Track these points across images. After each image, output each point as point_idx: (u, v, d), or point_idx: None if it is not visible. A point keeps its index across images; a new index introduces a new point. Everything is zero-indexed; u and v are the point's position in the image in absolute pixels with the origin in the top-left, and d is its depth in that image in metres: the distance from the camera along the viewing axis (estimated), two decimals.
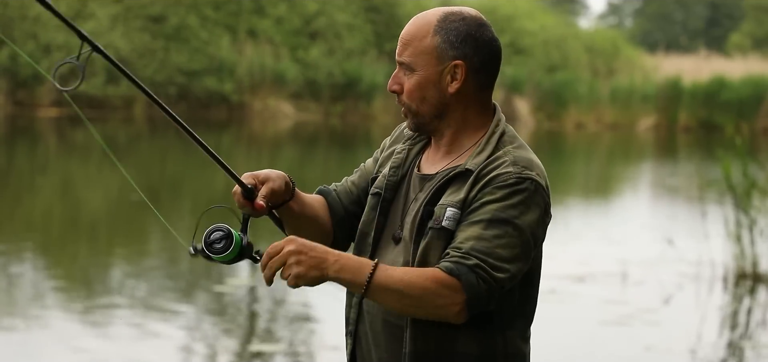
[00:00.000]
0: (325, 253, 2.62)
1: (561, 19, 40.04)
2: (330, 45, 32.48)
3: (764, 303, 10.41)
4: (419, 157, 2.90)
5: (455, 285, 2.61)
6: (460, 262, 2.62)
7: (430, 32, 2.78)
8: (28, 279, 9.98)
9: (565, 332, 8.73)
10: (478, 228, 2.66)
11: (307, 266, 2.61)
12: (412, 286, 2.62)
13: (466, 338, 2.73)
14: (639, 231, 14.54)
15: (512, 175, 2.70)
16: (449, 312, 2.63)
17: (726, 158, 11.39)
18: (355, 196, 2.99)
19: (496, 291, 2.64)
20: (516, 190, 2.68)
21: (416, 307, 2.64)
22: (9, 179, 17.56)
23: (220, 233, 2.68)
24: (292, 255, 2.60)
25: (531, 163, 2.74)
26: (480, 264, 2.62)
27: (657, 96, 34.08)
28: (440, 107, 2.80)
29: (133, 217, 14.21)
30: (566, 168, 24.21)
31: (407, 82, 2.80)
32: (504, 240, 2.65)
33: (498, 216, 2.66)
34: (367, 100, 31.81)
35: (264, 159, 21.84)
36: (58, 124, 26.73)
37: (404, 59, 2.79)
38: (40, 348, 7.61)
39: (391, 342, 2.78)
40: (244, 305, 9.27)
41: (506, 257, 2.65)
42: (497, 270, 2.63)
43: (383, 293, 2.63)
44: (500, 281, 2.64)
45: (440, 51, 2.77)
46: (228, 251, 2.67)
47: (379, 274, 2.62)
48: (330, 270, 2.62)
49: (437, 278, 2.62)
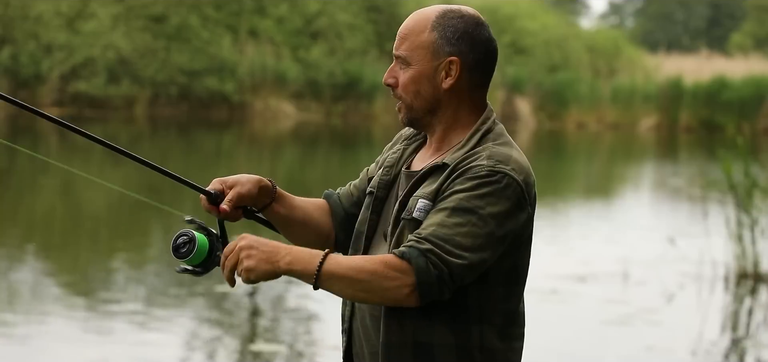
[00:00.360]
0: (277, 248, 2.67)
1: (562, 19, 40.03)
2: (331, 45, 32.48)
3: (765, 303, 10.41)
4: (413, 156, 2.93)
5: (405, 267, 2.63)
6: (413, 246, 2.64)
7: (427, 27, 2.81)
8: (29, 279, 9.98)
9: (566, 331, 8.73)
10: (442, 215, 2.67)
11: (258, 260, 2.67)
12: (361, 271, 2.64)
13: (443, 329, 2.74)
14: (640, 231, 14.54)
15: (484, 168, 2.70)
16: (399, 295, 2.64)
17: (727, 158, 11.39)
18: (356, 198, 3.04)
19: (448, 277, 2.64)
20: (485, 182, 2.69)
21: (367, 292, 2.66)
22: (10, 179, 17.56)
23: (185, 238, 2.75)
24: (244, 250, 2.67)
25: (508, 158, 2.74)
26: (433, 249, 2.63)
27: (658, 96, 34.07)
28: (433, 102, 2.82)
29: (134, 217, 14.21)
30: (567, 168, 24.21)
31: (403, 75, 2.83)
32: (465, 228, 2.65)
33: (462, 205, 2.67)
34: (369, 100, 31.81)
35: (265, 159, 21.85)
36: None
37: (401, 53, 2.82)
38: (40, 347, 7.61)
39: (377, 336, 2.81)
40: (244, 305, 9.27)
41: (465, 245, 2.64)
42: (453, 256, 2.63)
43: (334, 281, 2.66)
44: (454, 267, 2.63)
45: (436, 46, 2.80)
46: (192, 254, 2.74)
47: (329, 263, 2.65)
48: (281, 263, 2.66)
49: (387, 261, 2.64)
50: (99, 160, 19.50)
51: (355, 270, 2.65)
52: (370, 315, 2.83)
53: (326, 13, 32.81)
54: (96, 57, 29.33)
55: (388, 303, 2.70)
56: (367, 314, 2.84)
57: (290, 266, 2.66)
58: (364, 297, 2.68)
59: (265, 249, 2.66)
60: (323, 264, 2.65)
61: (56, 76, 28.93)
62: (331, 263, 2.65)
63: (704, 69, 36.24)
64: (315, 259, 2.65)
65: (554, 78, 34.37)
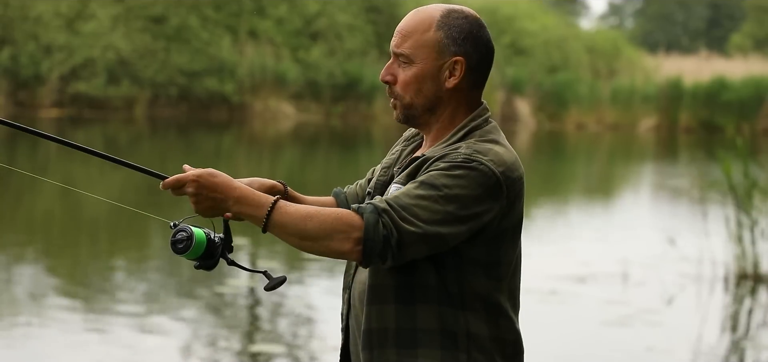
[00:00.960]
0: (225, 197, 2.71)
1: (562, 20, 40.02)
2: (331, 45, 32.48)
3: (765, 304, 10.41)
4: (410, 156, 2.95)
5: (355, 221, 2.63)
6: (370, 203, 2.66)
7: (432, 26, 2.81)
8: (29, 280, 9.98)
9: (566, 332, 8.73)
10: (409, 187, 2.69)
11: (204, 207, 2.73)
12: (309, 219, 2.65)
13: (426, 314, 2.74)
14: (640, 232, 14.54)
15: (461, 155, 2.72)
16: (342, 247, 2.64)
17: (727, 159, 11.39)
18: (361, 199, 3.08)
19: (395, 242, 2.63)
20: (458, 165, 2.70)
21: (312, 240, 2.66)
22: (10, 180, 17.56)
23: (183, 234, 2.80)
24: (193, 196, 2.74)
25: (488, 150, 2.74)
26: (389, 210, 2.64)
27: (658, 96, 34.07)
28: (434, 101, 2.83)
29: (133, 218, 14.21)
30: (567, 168, 24.21)
31: (403, 73, 2.83)
32: (425, 202, 2.66)
33: (429, 180, 2.69)
34: (368, 101, 31.81)
35: (265, 160, 21.85)
36: (59, 125, 26.73)
37: (403, 50, 2.83)
38: (40, 347, 7.61)
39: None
40: (244, 305, 9.27)
41: (422, 217, 2.65)
42: (405, 222, 2.63)
43: (281, 229, 2.68)
44: (404, 233, 2.63)
45: (442, 46, 2.81)
46: (189, 250, 2.79)
47: (278, 212, 2.67)
48: (229, 210, 2.72)
49: (340, 214, 2.65)
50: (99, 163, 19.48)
51: (305, 218, 2.66)
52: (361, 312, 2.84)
53: (326, 13, 32.80)
54: (96, 58, 29.32)
55: (330, 255, 2.69)
56: (359, 312, 2.85)
57: (239, 213, 2.71)
58: (309, 246, 2.68)
59: (213, 197, 2.71)
60: (272, 213, 2.67)
61: (56, 76, 28.92)
62: (279, 213, 2.67)
63: (704, 70, 36.25)
64: (263, 209, 2.68)
65: (554, 79, 34.37)
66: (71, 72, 29.09)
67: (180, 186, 2.73)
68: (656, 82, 35.00)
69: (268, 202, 2.68)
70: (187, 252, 2.78)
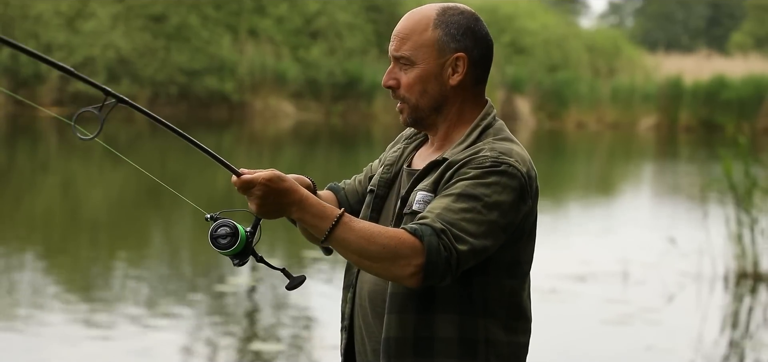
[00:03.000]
0: (290, 202, 2.65)
1: (562, 19, 40.03)
2: (331, 44, 32.48)
3: (765, 303, 10.41)
4: (413, 154, 2.94)
5: (417, 245, 2.59)
6: (425, 224, 2.61)
7: (430, 25, 2.81)
8: (29, 279, 9.97)
9: (566, 331, 8.73)
10: (447, 200, 2.65)
11: (266, 210, 2.68)
12: (373, 240, 2.61)
13: (445, 323, 2.73)
14: (640, 231, 14.54)
15: (489, 159, 2.70)
16: (403, 273, 2.60)
17: (727, 157, 11.39)
18: (360, 195, 3.06)
19: (454, 262, 2.61)
20: (490, 171, 2.68)
21: (373, 260, 2.61)
22: (10, 178, 17.56)
23: (227, 229, 2.75)
24: (255, 196, 2.68)
25: (510, 151, 2.73)
26: (446, 230, 2.60)
27: (658, 95, 34.08)
28: (440, 100, 2.82)
29: (134, 217, 14.21)
30: (567, 167, 24.20)
31: (406, 76, 2.82)
32: (470, 214, 2.63)
33: (467, 191, 2.65)
34: (368, 100, 31.81)
35: (265, 158, 21.84)
36: (59, 124, 26.74)
37: (403, 53, 2.81)
38: (40, 347, 7.61)
39: (379, 330, 2.80)
40: (244, 305, 9.27)
41: (470, 231, 2.62)
42: (459, 241, 2.61)
43: (343, 245, 2.64)
44: (461, 253, 2.61)
45: (441, 44, 2.80)
46: (233, 247, 2.74)
47: (342, 227, 2.63)
48: (291, 216, 2.68)
49: (401, 236, 2.60)
50: (99, 158, 19.49)
51: (368, 238, 2.62)
52: (372, 312, 2.83)
53: (326, 12, 32.80)
54: (96, 56, 29.34)
55: (386, 278, 2.66)
56: (369, 312, 2.84)
57: (299, 219, 2.67)
58: (368, 265, 2.64)
59: (279, 201, 2.66)
60: (336, 226, 2.63)
61: (56, 75, 28.92)
62: (343, 229, 2.63)
63: (704, 68, 36.26)
64: (328, 221, 2.63)
65: (554, 77, 34.38)
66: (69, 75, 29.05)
67: (250, 187, 2.68)
68: (656, 80, 35.01)
69: (334, 215, 2.63)
70: (230, 249, 2.74)
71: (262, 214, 2.69)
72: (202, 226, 2.85)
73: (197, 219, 12.85)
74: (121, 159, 2.85)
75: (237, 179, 2.71)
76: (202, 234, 12.07)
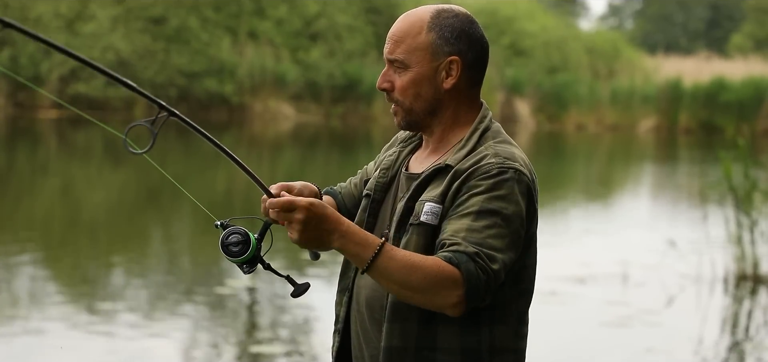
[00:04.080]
0: (329, 230, 2.61)
1: (561, 21, 40.04)
2: (330, 46, 32.49)
3: (765, 305, 10.41)
4: (409, 157, 2.92)
5: (456, 274, 2.57)
6: (459, 251, 2.59)
7: (424, 28, 2.78)
8: (29, 280, 9.97)
9: (565, 333, 8.73)
10: (467, 220, 2.64)
11: (307, 239, 2.62)
12: (415, 271, 2.58)
13: (447, 334, 2.72)
14: (640, 233, 14.54)
15: (495, 166, 2.68)
16: (445, 303, 2.59)
17: (727, 160, 11.39)
18: (357, 199, 3.04)
19: (492, 282, 2.60)
20: (500, 181, 2.67)
21: (415, 291, 2.60)
22: (10, 180, 17.56)
23: (238, 237, 2.73)
24: (296, 222, 2.61)
25: (513, 155, 2.73)
26: (480, 253, 2.59)
27: (657, 97, 34.09)
28: (434, 103, 2.80)
29: (133, 218, 14.21)
30: (567, 169, 24.21)
31: (400, 79, 2.80)
32: (494, 230, 2.63)
33: (486, 207, 2.64)
34: (368, 102, 31.82)
35: (265, 161, 21.84)
36: (58, 126, 26.73)
37: (397, 56, 2.79)
38: (40, 348, 7.61)
39: (379, 339, 2.79)
40: (244, 306, 9.27)
41: (498, 247, 2.62)
42: (492, 261, 2.60)
43: (384, 276, 2.61)
44: (496, 272, 2.61)
45: (435, 47, 2.78)
46: (244, 255, 2.72)
47: (383, 257, 2.59)
48: (332, 245, 2.63)
49: (441, 267, 2.57)
50: (97, 163, 19.49)
51: (409, 269, 2.59)
52: (370, 318, 2.81)
53: (325, 14, 32.81)
54: (95, 58, 29.25)
55: (429, 307, 2.64)
56: (366, 318, 2.82)
57: (341, 249, 2.63)
58: (409, 296, 2.62)
59: (321, 228, 2.60)
60: (377, 257, 2.60)
61: (55, 77, 28.93)
62: (384, 259, 2.60)
63: (703, 70, 36.28)
64: (369, 251, 2.60)
65: (553, 79, 34.38)
66: (71, 73, 29.09)
67: (290, 210, 2.62)
68: (656, 82, 35.03)
69: (375, 244, 2.60)
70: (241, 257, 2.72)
71: (300, 240, 2.62)
72: (202, 228, 2.85)
73: (197, 221, 12.85)
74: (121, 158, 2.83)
75: (274, 200, 2.65)
76: (202, 235, 12.07)
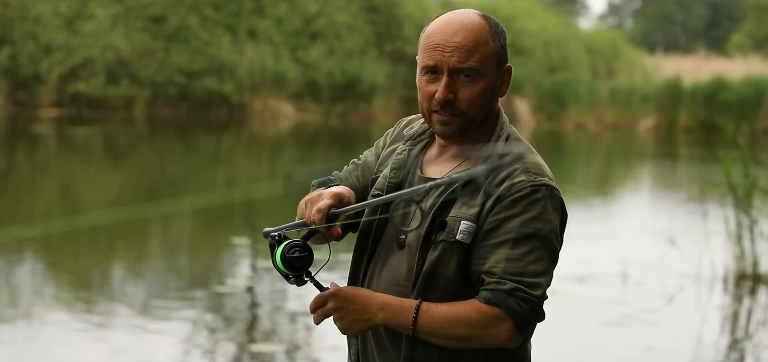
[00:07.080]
0: (367, 305, 2.67)
1: (561, 20, 40.04)
2: (330, 45, 32.48)
3: (765, 304, 10.41)
4: (420, 157, 2.85)
5: (499, 313, 2.61)
6: (497, 289, 2.61)
7: (488, 37, 2.75)
8: (28, 279, 9.97)
9: (565, 332, 8.73)
10: (505, 249, 2.64)
11: (350, 321, 2.68)
12: (457, 323, 2.63)
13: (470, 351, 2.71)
14: (639, 232, 14.54)
15: (526, 184, 2.67)
16: (498, 340, 2.64)
17: (727, 159, 11.39)
18: (359, 193, 2.92)
19: (539, 306, 2.64)
20: (533, 201, 2.66)
21: (467, 341, 2.65)
22: (9, 179, 17.55)
23: (299, 251, 2.69)
24: (335, 312, 2.68)
25: (540, 167, 2.71)
26: (517, 286, 2.61)
27: (657, 96, 34.09)
28: (488, 111, 2.78)
29: (133, 218, 14.20)
30: (567, 168, 24.20)
31: (469, 89, 2.72)
32: (533, 255, 2.64)
33: (522, 232, 2.64)
34: (368, 101, 31.82)
35: (264, 159, 21.84)
36: (58, 125, 26.73)
37: (472, 64, 2.71)
38: (40, 348, 7.61)
39: (394, 347, 2.76)
40: (244, 305, 9.26)
41: (539, 271, 2.64)
42: (534, 288, 2.62)
43: (430, 333, 2.66)
44: (539, 297, 2.64)
45: (498, 56, 2.76)
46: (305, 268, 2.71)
47: (423, 318, 2.65)
48: (376, 320, 2.68)
49: (480, 310, 2.62)
50: (97, 163, 19.49)
51: (451, 323, 2.64)
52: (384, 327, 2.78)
53: (325, 13, 32.81)
54: (95, 57, 29.33)
55: (484, 347, 2.67)
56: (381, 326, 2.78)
57: (384, 322, 2.68)
58: (462, 344, 2.67)
59: (355, 309, 2.67)
60: (417, 318, 2.65)
61: (55, 76, 28.93)
62: (424, 318, 2.65)
63: (703, 69, 36.28)
64: (408, 314, 2.65)
65: (553, 78, 34.38)
66: (70, 72, 29.09)
67: (322, 304, 2.69)
68: (655, 82, 35.03)
69: (411, 307, 2.65)
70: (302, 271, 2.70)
71: (345, 327, 2.69)
72: (202, 228, 2.83)
73: (197, 221, 12.85)
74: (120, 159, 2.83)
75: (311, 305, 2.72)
76: (201, 236, 12.07)
